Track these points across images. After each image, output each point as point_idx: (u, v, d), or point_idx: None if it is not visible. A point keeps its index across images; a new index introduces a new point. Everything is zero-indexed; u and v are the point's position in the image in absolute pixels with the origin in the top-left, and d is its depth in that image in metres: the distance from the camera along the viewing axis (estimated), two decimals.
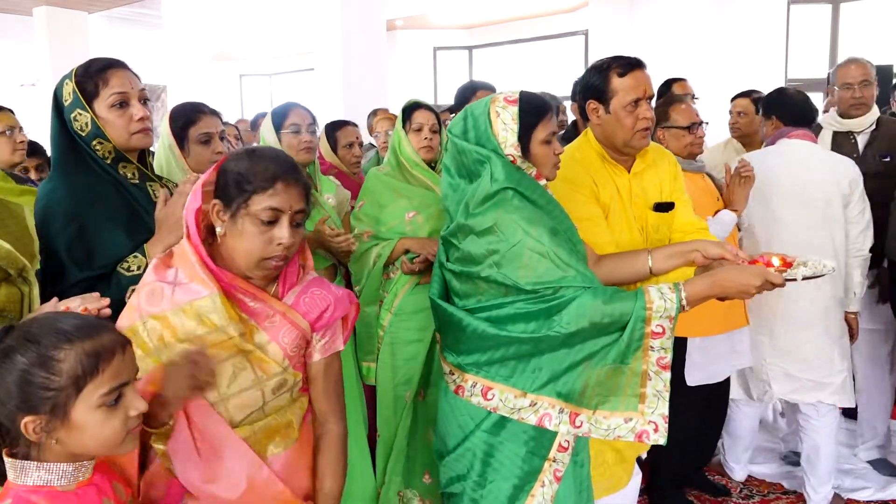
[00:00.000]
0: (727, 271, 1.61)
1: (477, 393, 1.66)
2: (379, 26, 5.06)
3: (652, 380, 1.55)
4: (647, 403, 1.56)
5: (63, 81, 1.69)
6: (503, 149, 1.66)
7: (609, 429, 1.58)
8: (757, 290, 1.56)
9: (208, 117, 2.05)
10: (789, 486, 3.02)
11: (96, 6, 7.28)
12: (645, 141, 1.98)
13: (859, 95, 2.97)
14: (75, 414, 1.02)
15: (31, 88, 8.53)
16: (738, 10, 6.89)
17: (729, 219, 2.63)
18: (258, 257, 1.34)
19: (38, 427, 1.01)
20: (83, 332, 1.05)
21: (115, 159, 1.69)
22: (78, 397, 1.02)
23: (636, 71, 1.93)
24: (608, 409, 1.58)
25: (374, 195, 2.49)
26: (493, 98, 1.70)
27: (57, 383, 1.01)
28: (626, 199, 2.03)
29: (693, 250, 1.78)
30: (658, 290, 1.54)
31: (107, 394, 1.04)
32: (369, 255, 2.42)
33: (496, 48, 10.07)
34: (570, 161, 2.02)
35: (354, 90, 4.83)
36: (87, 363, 1.02)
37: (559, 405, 1.59)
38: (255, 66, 12.27)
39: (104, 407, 1.04)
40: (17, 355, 1.01)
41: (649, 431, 1.56)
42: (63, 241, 1.59)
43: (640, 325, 1.53)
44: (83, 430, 1.03)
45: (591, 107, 1.99)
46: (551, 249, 1.57)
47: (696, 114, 2.67)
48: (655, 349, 1.54)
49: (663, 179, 2.11)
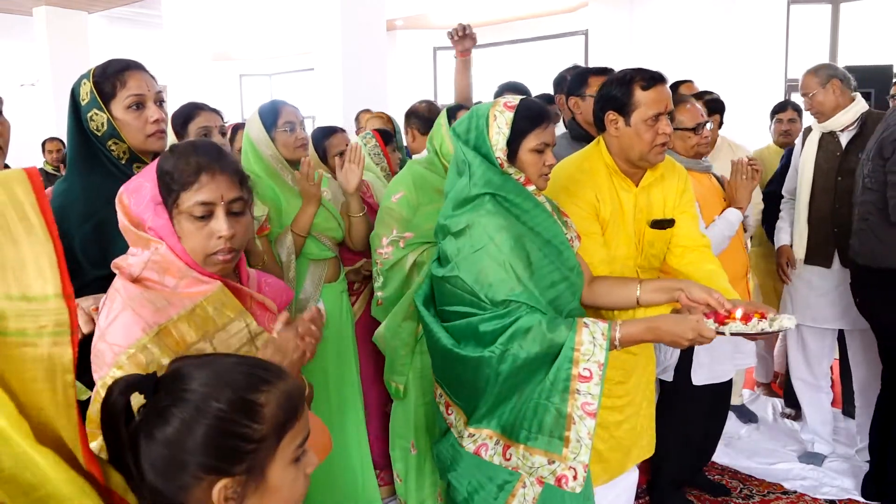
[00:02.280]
0: (665, 320, 1.59)
1: (442, 404, 1.73)
2: (379, 26, 5.06)
3: (576, 423, 1.54)
4: (570, 448, 1.54)
5: (81, 81, 1.70)
6: (494, 151, 1.69)
7: (533, 466, 1.59)
8: (689, 342, 1.57)
9: (207, 113, 2.10)
10: (789, 487, 3.02)
11: (96, 6, 7.28)
12: (661, 156, 1.97)
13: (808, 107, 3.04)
14: (272, 472, 0.84)
15: (31, 88, 8.53)
16: (738, 10, 6.88)
17: (735, 217, 2.62)
18: (203, 254, 1.28)
19: (231, 493, 0.81)
20: (272, 371, 0.88)
21: (129, 159, 1.71)
22: (277, 450, 0.84)
23: (659, 85, 1.92)
24: (534, 447, 1.58)
25: (414, 190, 2.32)
26: (496, 101, 1.73)
27: (260, 433, 0.82)
28: (629, 214, 2.02)
29: (679, 289, 1.76)
30: (590, 333, 1.53)
31: (300, 445, 0.88)
32: (405, 262, 2.29)
33: (496, 48, 10.07)
34: (577, 171, 2.02)
35: (354, 90, 4.82)
36: (288, 408, 0.86)
37: (495, 436, 1.62)
38: (255, 66, 12.26)
39: (294, 463, 0.87)
40: (209, 401, 0.80)
41: (568, 477, 1.55)
42: (78, 240, 1.60)
43: (566, 364, 1.52)
44: (278, 492, 0.85)
45: (610, 118, 1.97)
46: (508, 260, 1.58)
47: (701, 114, 2.66)
48: (581, 393, 1.53)
49: (669, 194, 2.09)
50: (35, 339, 0.71)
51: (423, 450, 2.39)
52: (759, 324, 1.57)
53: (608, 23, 8.01)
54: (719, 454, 3.24)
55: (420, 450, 2.40)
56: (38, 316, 0.71)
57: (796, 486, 3.01)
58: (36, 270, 0.73)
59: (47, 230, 0.74)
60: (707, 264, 2.06)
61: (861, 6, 6.99)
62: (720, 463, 3.24)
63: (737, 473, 3.16)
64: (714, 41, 6.88)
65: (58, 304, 0.73)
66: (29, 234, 0.73)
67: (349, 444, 2.47)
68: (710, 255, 2.11)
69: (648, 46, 7.23)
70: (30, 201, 0.75)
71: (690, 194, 2.16)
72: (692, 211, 2.14)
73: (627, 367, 2.08)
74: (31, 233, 0.73)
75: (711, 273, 2.01)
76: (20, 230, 0.73)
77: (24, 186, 0.75)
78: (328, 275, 2.45)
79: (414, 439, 2.39)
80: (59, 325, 0.73)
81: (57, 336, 0.73)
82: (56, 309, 0.73)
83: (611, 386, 2.04)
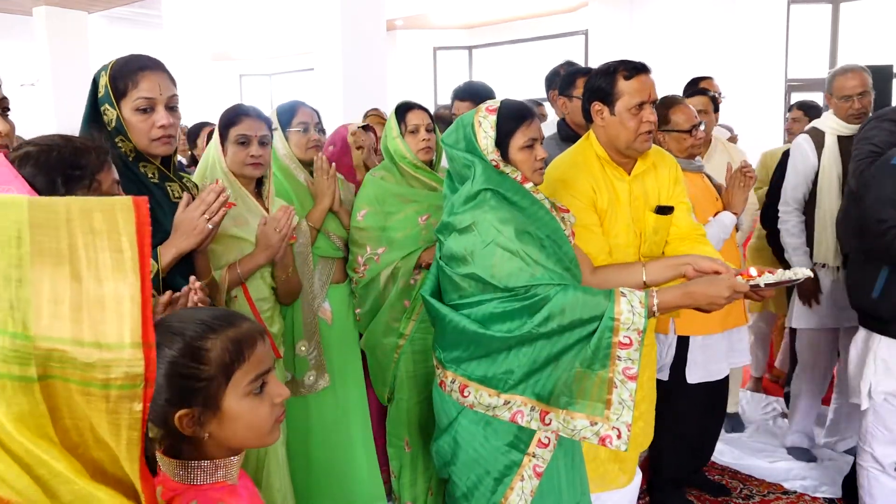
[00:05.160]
0: (698, 283, 1.65)
1: (455, 389, 1.74)
2: (379, 26, 5.05)
3: (618, 388, 1.59)
4: (612, 409, 1.59)
5: (100, 72, 1.68)
6: (486, 155, 1.74)
7: (575, 429, 1.62)
8: (726, 300, 1.61)
9: (251, 120, 2.05)
10: (789, 487, 3.02)
11: (96, 6, 7.27)
12: (647, 144, 2.01)
13: (859, 107, 2.99)
14: (226, 404, 1.01)
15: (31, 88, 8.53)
16: (738, 10, 6.89)
17: (729, 220, 2.64)
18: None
19: (191, 420, 1.00)
20: (224, 321, 1.04)
21: (135, 158, 1.70)
22: (227, 386, 1.01)
23: (642, 75, 1.97)
24: (576, 411, 1.62)
25: (377, 203, 2.36)
26: (478, 108, 1.79)
27: (207, 373, 1.00)
28: (625, 203, 2.05)
29: (685, 263, 1.82)
30: (629, 303, 1.57)
31: (253, 381, 1.03)
32: (379, 279, 2.35)
33: (496, 48, 10.07)
34: (572, 166, 2.06)
35: (354, 90, 4.82)
36: (234, 350, 1.02)
37: (531, 403, 1.65)
38: (255, 66, 12.27)
39: (251, 395, 1.03)
40: (164, 349, 0.99)
41: (612, 437, 1.60)
42: None
43: (607, 334, 1.57)
44: (236, 419, 1.02)
45: (596, 108, 2.02)
46: (521, 248, 1.62)
47: (695, 115, 2.68)
48: (622, 359, 1.58)
49: (663, 183, 2.13)
50: (101, 390, 0.64)
51: (416, 447, 2.44)
52: (786, 273, 1.66)
53: (608, 23, 8.02)
54: (719, 454, 3.24)
55: (414, 447, 2.44)
56: (108, 367, 0.64)
57: (796, 486, 3.01)
58: (115, 313, 0.64)
59: (138, 268, 0.65)
60: (704, 248, 2.09)
61: (861, 6, 7.00)
62: (720, 463, 3.24)
63: (737, 473, 3.16)
64: (714, 41, 6.89)
65: (133, 353, 0.64)
66: (116, 269, 0.64)
67: (354, 442, 2.48)
68: (705, 242, 2.13)
69: (648, 46, 7.23)
70: (128, 232, 0.65)
71: (682, 184, 2.19)
72: (686, 201, 2.18)
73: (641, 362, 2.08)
74: (120, 268, 0.64)
75: (710, 255, 2.03)
76: (108, 264, 0.64)
77: (126, 215, 0.66)
78: (335, 276, 2.46)
79: (408, 437, 2.44)
80: (130, 378, 0.64)
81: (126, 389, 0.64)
82: (130, 360, 0.64)
83: None
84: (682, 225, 2.14)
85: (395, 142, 2.37)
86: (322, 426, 2.41)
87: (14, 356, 0.62)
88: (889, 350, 2.34)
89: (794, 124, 4.09)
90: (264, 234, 1.97)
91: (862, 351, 2.47)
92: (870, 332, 2.43)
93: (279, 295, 2.15)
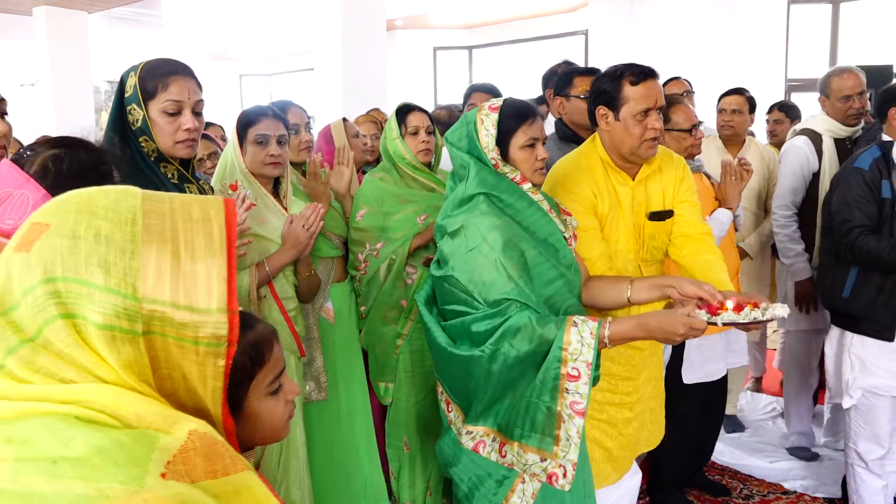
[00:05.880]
0: (655, 316, 1.59)
1: (443, 402, 1.75)
2: (379, 26, 5.05)
3: (565, 422, 1.55)
4: (560, 446, 1.55)
5: (129, 72, 1.72)
6: (486, 154, 1.71)
7: (527, 464, 1.59)
8: (680, 337, 1.56)
9: (269, 119, 2.06)
10: (789, 487, 3.02)
11: (96, 6, 7.27)
12: (652, 151, 1.97)
13: (858, 106, 2.99)
14: (247, 405, 1.03)
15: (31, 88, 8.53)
16: (738, 10, 6.89)
17: (726, 217, 2.64)
18: None
19: None
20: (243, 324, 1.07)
21: (157, 158, 1.73)
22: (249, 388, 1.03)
23: (649, 80, 1.93)
24: (527, 444, 1.59)
25: (376, 204, 2.38)
26: (481, 106, 1.77)
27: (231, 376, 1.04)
28: (627, 208, 2.03)
29: (670, 286, 1.75)
30: (578, 332, 1.53)
31: (272, 381, 1.05)
32: (379, 273, 2.37)
33: (496, 48, 10.07)
34: (574, 168, 2.03)
35: (354, 90, 4.81)
36: (254, 354, 1.03)
37: (492, 434, 1.64)
38: (255, 66, 12.27)
39: (269, 395, 1.05)
40: None
41: (559, 475, 1.56)
42: None
43: (555, 364, 1.53)
44: (256, 419, 1.04)
45: (601, 112, 1.99)
46: (500, 259, 1.60)
47: (695, 115, 2.68)
48: (570, 392, 1.53)
49: (668, 186, 2.09)
50: (192, 345, 0.78)
51: (415, 448, 2.45)
52: (752, 313, 1.55)
53: (608, 23, 8.01)
54: (719, 454, 3.24)
55: (412, 448, 2.45)
56: (198, 327, 0.78)
57: (796, 486, 3.01)
58: (206, 285, 0.79)
59: (225, 250, 0.81)
60: (705, 254, 2.05)
61: (861, 6, 7.00)
62: (720, 463, 3.24)
63: (737, 473, 3.16)
64: (714, 41, 6.88)
65: (219, 318, 0.79)
66: (208, 250, 0.80)
67: (358, 442, 2.49)
68: (709, 244, 2.10)
69: (648, 46, 7.24)
70: (218, 222, 0.82)
71: (690, 181, 2.15)
72: (692, 199, 2.14)
73: (634, 362, 2.08)
74: (210, 249, 0.80)
75: (708, 263, 2.01)
76: (201, 245, 0.80)
77: (217, 209, 0.83)
78: (336, 275, 2.46)
79: (406, 437, 2.45)
80: (216, 338, 0.79)
81: (212, 347, 0.79)
82: (216, 323, 0.78)
83: (617, 382, 2.04)
84: (687, 223, 2.10)
85: (395, 143, 2.39)
86: (326, 426, 2.41)
87: (125, 313, 0.74)
88: (863, 347, 2.40)
89: (777, 125, 4.10)
90: (293, 232, 2.00)
91: (837, 349, 2.53)
92: (843, 331, 2.49)
93: (300, 293, 2.17)
